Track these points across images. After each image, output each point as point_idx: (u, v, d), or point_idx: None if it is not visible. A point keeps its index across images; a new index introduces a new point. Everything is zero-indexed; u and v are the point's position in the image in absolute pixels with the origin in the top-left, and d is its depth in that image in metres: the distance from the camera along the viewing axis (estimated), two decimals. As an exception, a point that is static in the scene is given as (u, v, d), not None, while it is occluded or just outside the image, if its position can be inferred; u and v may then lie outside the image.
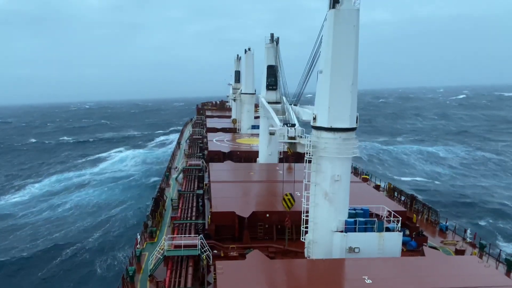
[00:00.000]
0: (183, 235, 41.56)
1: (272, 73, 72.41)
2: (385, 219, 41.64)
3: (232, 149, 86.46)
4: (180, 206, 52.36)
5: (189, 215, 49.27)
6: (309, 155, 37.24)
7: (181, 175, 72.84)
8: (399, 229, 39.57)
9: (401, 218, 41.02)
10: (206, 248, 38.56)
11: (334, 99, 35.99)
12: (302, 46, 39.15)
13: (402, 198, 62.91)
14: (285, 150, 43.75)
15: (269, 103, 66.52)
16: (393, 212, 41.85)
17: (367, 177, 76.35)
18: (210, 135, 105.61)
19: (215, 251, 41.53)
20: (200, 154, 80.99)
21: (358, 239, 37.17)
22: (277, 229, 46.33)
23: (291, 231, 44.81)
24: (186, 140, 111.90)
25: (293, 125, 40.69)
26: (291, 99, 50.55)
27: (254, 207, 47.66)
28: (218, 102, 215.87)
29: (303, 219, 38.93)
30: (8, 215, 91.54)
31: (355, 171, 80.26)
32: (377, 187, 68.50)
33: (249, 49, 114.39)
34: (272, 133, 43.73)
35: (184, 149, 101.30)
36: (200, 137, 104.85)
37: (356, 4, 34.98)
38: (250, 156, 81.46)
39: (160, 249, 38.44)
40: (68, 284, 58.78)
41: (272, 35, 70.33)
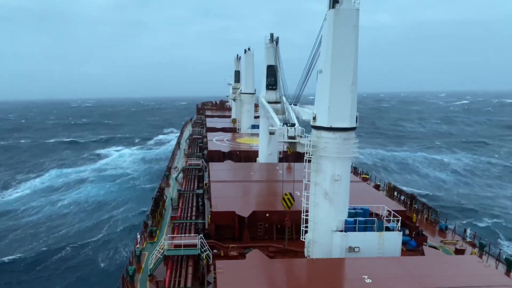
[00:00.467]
0: (183, 235, 41.60)
1: (272, 73, 72.44)
2: (385, 218, 41.66)
3: (232, 148, 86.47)
4: (180, 205, 52.40)
5: (189, 214, 49.31)
6: (309, 155, 37.26)
7: (181, 174, 72.85)
8: (399, 228, 39.57)
9: (401, 218, 41.05)
10: (206, 247, 38.58)
11: (334, 98, 36.02)
12: (304, 48, 39.19)
13: (402, 198, 62.97)
14: (285, 149, 43.76)
15: (269, 102, 66.54)
16: (393, 212, 41.88)
17: (367, 176, 76.40)
18: (210, 135, 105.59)
19: (215, 250, 41.50)
20: (200, 154, 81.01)
21: (358, 238, 37.18)
22: (277, 228, 46.35)
23: (291, 230, 44.83)
24: (186, 140, 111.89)
25: (293, 125, 40.70)
26: (291, 100, 50.58)
27: (254, 207, 47.67)
28: (218, 102, 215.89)
29: (303, 218, 38.96)
30: (7, 212, 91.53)
31: (355, 171, 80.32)
32: (377, 187, 68.58)
33: (248, 49, 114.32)
34: (272, 133, 43.75)
35: (184, 149, 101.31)
36: (200, 136, 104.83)
37: (355, 4, 34.99)
38: (250, 156, 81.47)
39: (160, 248, 38.46)
40: (67, 283, 58.76)
41: (271, 35, 70.28)
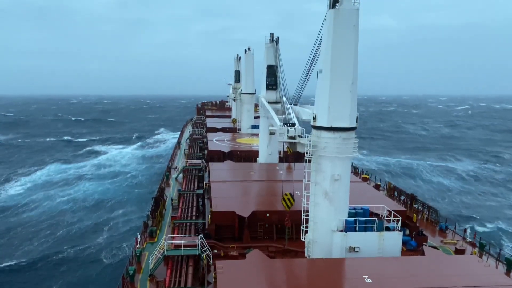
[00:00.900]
0: (183, 235, 41.63)
1: (272, 73, 72.46)
2: (385, 218, 41.65)
3: (232, 148, 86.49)
4: (180, 205, 52.39)
5: (189, 214, 49.31)
6: (309, 155, 37.26)
7: (181, 174, 72.87)
8: (399, 228, 39.59)
9: (401, 218, 41.06)
10: (206, 247, 38.58)
11: (334, 98, 36.02)
12: (305, 48, 39.21)
13: (402, 198, 62.96)
14: (285, 149, 43.78)
15: (269, 102, 66.58)
16: (393, 212, 41.89)
17: (367, 176, 76.39)
18: (210, 135, 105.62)
19: (215, 250, 41.51)
20: (200, 154, 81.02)
21: (358, 238, 37.19)
22: (277, 228, 46.36)
23: (291, 230, 44.81)
24: (186, 140, 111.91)
25: (293, 125, 40.71)
26: (291, 100, 50.58)
27: (254, 207, 47.68)
28: (218, 102, 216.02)
29: (303, 218, 38.96)
30: (5, 209, 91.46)
31: (355, 171, 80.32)
32: (377, 187, 68.59)
33: (249, 49, 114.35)
34: (272, 133, 43.82)
35: (184, 149, 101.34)
36: (200, 137, 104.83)
37: (355, 4, 35.01)
38: (250, 156, 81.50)
39: (160, 248, 38.47)
40: (67, 284, 58.71)
41: (272, 34, 70.27)
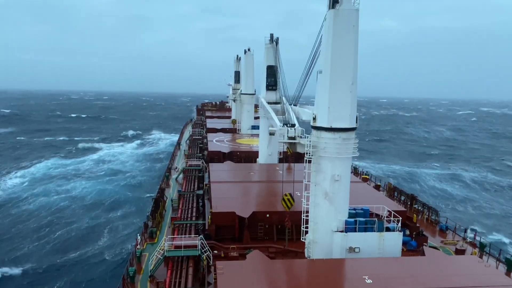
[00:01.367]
0: (183, 236, 41.57)
1: (272, 73, 72.49)
2: (385, 219, 41.64)
3: (232, 149, 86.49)
4: (180, 206, 52.37)
5: (189, 215, 49.27)
6: (309, 155, 37.26)
7: (181, 175, 72.86)
8: (399, 229, 39.58)
9: (401, 218, 41.04)
10: (206, 248, 38.56)
11: (334, 99, 36.03)
12: (307, 49, 39.27)
13: (402, 198, 62.96)
14: (285, 150, 43.78)
15: (269, 103, 66.57)
16: (393, 212, 41.87)
17: (367, 177, 76.40)
18: (210, 136, 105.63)
19: (215, 251, 41.50)
20: (200, 155, 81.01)
21: (358, 239, 37.17)
22: (277, 229, 46.35)
23: (291, 231, 44.79)
24: (186, 141, 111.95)
25: (293, 125, 40.71)
26: (291, 100, 50.59)
27: (254, 207, 47.67)
28: (218, 103, 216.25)
29: (303, 219, 38.95)
30: (4, 205, 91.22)
31: (355, 171, 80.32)
32: (377, 187, 68.59)
33: (248, 49, 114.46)
34: (272, 133, 43.79)
35: (184, 150, 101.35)
36: (200, 137, 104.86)
37: (355, 4, 35.03)
38: (250, 157, 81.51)
39: (160, 249, 38.46)
40: (67, 284, 58.65)
41: (271, 35, 70.27)
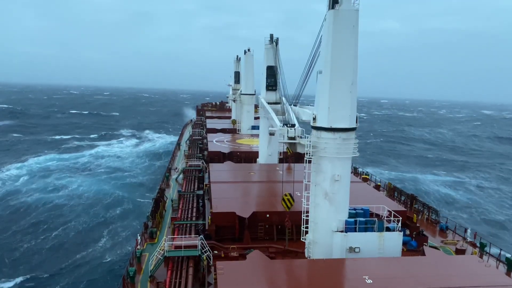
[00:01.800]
0: (183, 236, 41.55)
1: (272, 73, 72.51)
2: (385, 219, 41.68)
3: (232, 149, 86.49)
4: (180, 206, 52.37)
5: (189, 215, 49.27)
6: (309, 155, 37.28)
7: (181, 175, 72.85)
8: (400, 229, 39.62)
9: (401, 218, 41.07)
10: (207, 248, 38.55)
11: (333, 99, 36.06)
12: (308, 48, 39.40)
13: (402, 198, 62.95)
14: (285, 150, 43.80)
15: (268, 103, 66.59)
16: (393, 212, 41.89)
17: (367, 177, 76.40)
18: (210, 136, 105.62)
19: (215, 251, 41.50)
20: (200, 155, 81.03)
21: (358, 239, 37.21)
22: (278, 229, 46.35)
23: (291, 231, 44.80)
24: (186, 141, 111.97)
25: (293, 126, 40.72)
26: (291, 100, 50.62)
27: (254, 208, 47.66)
28: (218, 103, 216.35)
29: (303, 219, 38.98)
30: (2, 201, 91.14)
31: (355, 171, 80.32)
32: (377, 187, 68.61)
33: (248, 49, 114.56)
34: (272, 134, 43.82)
35: (184, 150, 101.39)
36: (200, 137, 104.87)
37: (355, 5, 35.07)
38: (250, 157, 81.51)
39: (160, 249, 38.45)
40: (66, 284, 58.62)
41: (271, 35, 70.33)
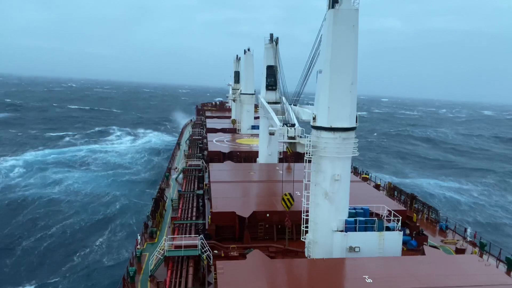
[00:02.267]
0: (183, 236, 41.57)
1: (272, 73, 72.47)
2: (385, 218, 41.68)
3: (232, 149, 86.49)
4: (180, 206, 52.39)
5: (189, 215, 49.29)
6: (309, 155, 37.29)
7: (181, 175, 72.87)
8: (400, 228, 39.64)
9: (401, 218, 41.10)
10: (207, 248, 38.59)
11: (333, 98, 36.07)
12: (310, 45, 39.42)
13: (402, 198, 62.96)
14: (285, 150, 43.81)
15: (268, 103, 66.56)
16: (393, 212, 41.92)
17: (367, 176, 76.37)
18: (210, 136, 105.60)
19: (215, 251, 41.53)
20: (200, 155, 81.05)
21: (358, 238, 37.23)
22: (278, 229, 46.36)
23: (291, 231, 44.84)
24: (186, 141, 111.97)
25: (292, 125, 40.71)
26: (291, 98, 50.55)
27: (254, 207, 47.67)
28: (217, 103, 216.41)
29: (303, 218, 38.99)
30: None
31: (355, 171, 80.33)
32: (377, 187, 68.62)
33: (248, 49, 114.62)
34: (272, 133, 43.73)
35: (184, 150, 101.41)
36: (200, 137, 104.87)
37: (355, 4, 35.07)
38: (250, 156, 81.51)
39: (160, 249, 38.48)
40: (66, 284, 58.63)
41: (271, 35, 70.32)
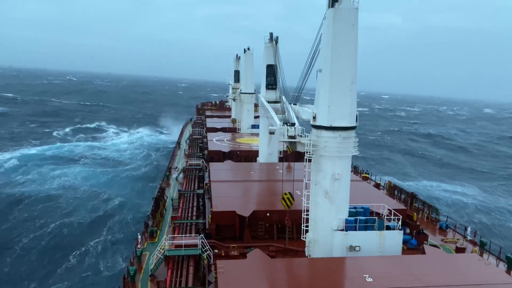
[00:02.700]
0: (183, 235, 41.68)
1: (272, 72, 72.48)
2: (385, 217, 41.67)
3: (232, 148, 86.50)
4: (181, 205, 52.45)
5: (189, 214, 49.37)
6: (309, 154, 37.30)
7: (181, 175, 72.91)
8: (400, 227, 39.64)
9: (401, 217, 41.08)
10: (207, 247, 38.63)
11: (333, 98, 36.07)
12: (310, 41, 39.38)
13: (403, 197, 62.98)
14: (285, 149, 43.82)
15: (268, 102, 66.55)
16: (393, 211, 41.91)
17: (367, 175, 76.36)
18: (210, 135, 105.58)
19: (215, 250, 41.54)
20: (200, 154, 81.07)
21: (358, 237, 37.25)
22: (278, 228, 46.38)
23: (291, 230, 44.86)
24: (186, 140, 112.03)
25: (292, 124, 40.71)
26: (292, 94, 50.43)
27: (254, 206, 47.70)
28: (217, 102, 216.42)
29: (303, 218, 39.01)
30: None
31: (355, 170, 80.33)
32: (377, 186, 68.64)
33: (248, 48, 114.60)
34: (272, 132, 43.74)
35: (184, 149, 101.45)
36: (200, 137, 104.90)
37: (355, 3, 35.05)
38: (250, 156, 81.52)
39: (161, 248, 38.53)
40: (66, 284, 58.64)
41: (271, 34, 70.31)
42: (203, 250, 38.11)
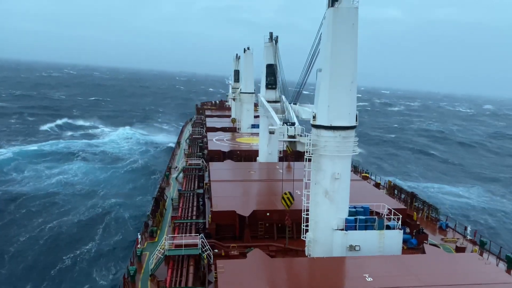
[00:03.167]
0: (183, 235, 41.68)
1: (271, 72, 72.47)
2: (385, 217, 41.71)
3: (232, 148, 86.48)
4: (181, 205, 52.45)
5: (189, 214, 49.36)
6: (309, 154, 37.30)
7: (181, 174, 72.90)
8: (400, 227, 39.65)
9: (401, 216, 41.11)
10: (207, 247, 38.64)
11: (333, 97, 36.08)
12: (310, 35, 39.21)
13: (402, 196, 62.98)
14: (285, 149, 43.83)
15: (268, 102, 66.54)
16: (393, 210, 41.94)
17: (367, 175, 76.36)
18: (210, 135, 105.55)
19: (215, 250, 41.54)
20: (200, 154, 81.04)
21: (358, 237, 37.28)
22: (278, 227, 46.38)
23: (291, 229, 44.85)
24: (186, 140, 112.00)
25: (292, 124, 40.74)
26: (294, 87, 50.30)
27: (254, 206, 47.70)
28: (217, 102, 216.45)
29: (303, 217, 39.02)
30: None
31: (355, 169, 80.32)
32: (377, 185, 68.63)
33: (248, 48, 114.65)
34: (271, 132, 43.74)
35: (184, 149, 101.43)
36: (200, 136, 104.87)
37: (355, 3, 35.04)
38: (250, 155, 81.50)
39: (161, 248, 38.52)
40: (66, 284, 58.59)
41: (271, 34, 70.35)
42: (203, 250, 38.11)
